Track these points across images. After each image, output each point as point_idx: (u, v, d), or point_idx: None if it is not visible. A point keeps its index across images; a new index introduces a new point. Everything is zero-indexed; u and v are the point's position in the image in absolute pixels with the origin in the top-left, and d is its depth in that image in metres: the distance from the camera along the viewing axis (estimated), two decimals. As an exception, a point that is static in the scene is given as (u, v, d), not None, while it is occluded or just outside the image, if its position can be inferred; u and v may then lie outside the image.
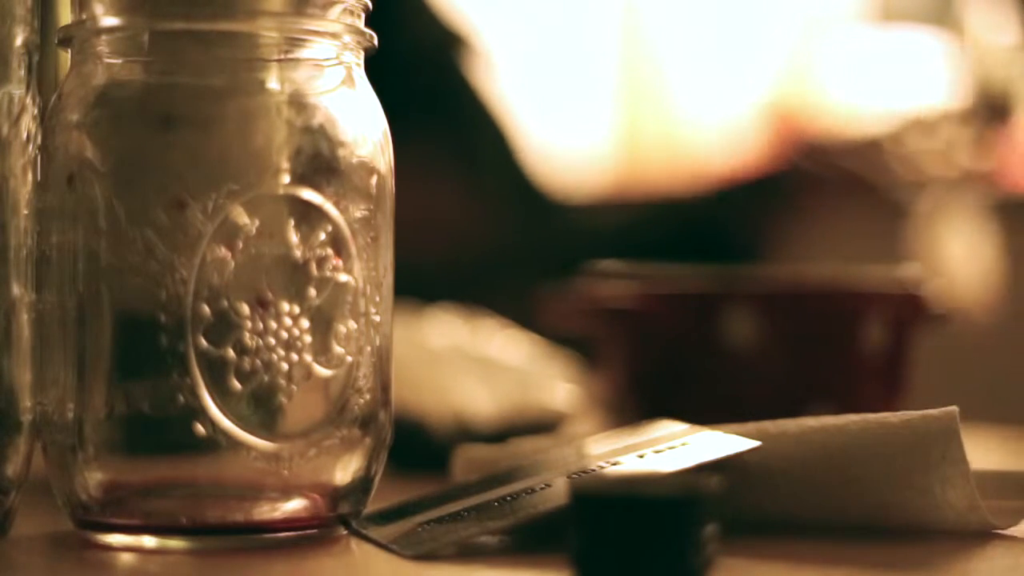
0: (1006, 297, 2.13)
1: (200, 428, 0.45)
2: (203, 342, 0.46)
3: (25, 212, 0.48)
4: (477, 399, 0.71)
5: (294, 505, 0.47)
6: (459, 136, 1.64)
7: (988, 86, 2.27)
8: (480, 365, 0.74)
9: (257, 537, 0.47)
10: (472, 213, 1.64)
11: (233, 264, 0.46)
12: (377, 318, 0.49)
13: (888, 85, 2.36)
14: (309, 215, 0.47)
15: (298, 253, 0.47)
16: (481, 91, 1.70)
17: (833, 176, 2.23)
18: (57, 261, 0.47)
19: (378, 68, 0.51)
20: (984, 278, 2.12)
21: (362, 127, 0.49)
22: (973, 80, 2.29)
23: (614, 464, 0.49)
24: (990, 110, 2.24)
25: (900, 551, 0.47)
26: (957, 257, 2.13)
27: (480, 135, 1.67)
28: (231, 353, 0.46)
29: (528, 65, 2.34)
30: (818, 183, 2.23)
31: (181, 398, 0.45)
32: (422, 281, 0.78)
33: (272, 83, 0.48)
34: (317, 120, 0.48)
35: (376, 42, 0.50)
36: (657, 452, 0.49)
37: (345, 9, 0.49)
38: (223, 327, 0.46)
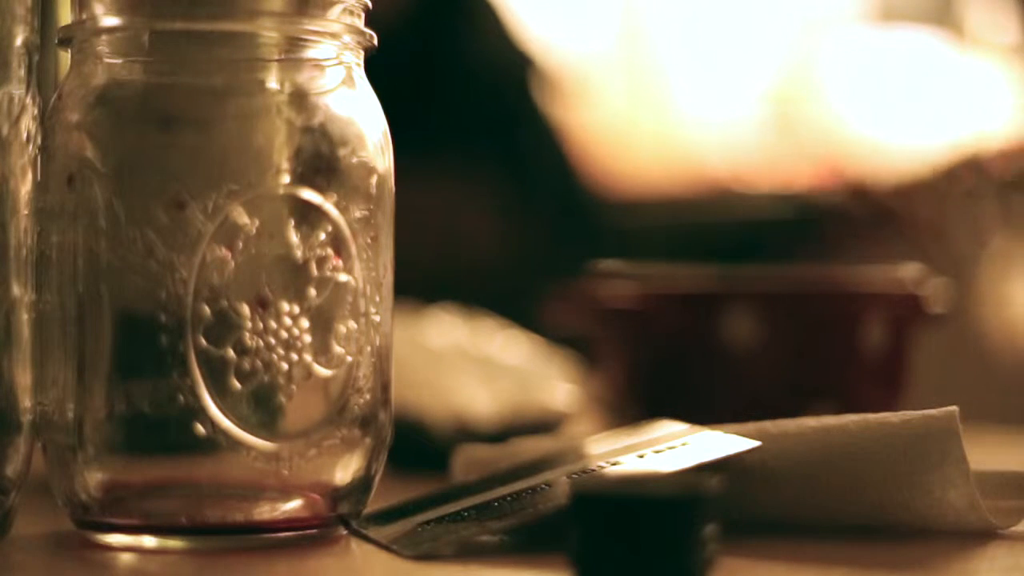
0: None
1: (200, 428, 0.45)
2: (203, 342, 0.46)
3: (25, 212, 0.48)
4: (477, 399, 0.71)
5: (294, 505, 0.47)
6: (463, 138, 1.63)
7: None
8: (480, 365, 0.74)
9: (257, 537, 0.47)
10: (474, 212, 1.64)
11: (233, 264, 0.46)
12: (377, 318, 0.49)
13: (895, 90, 2.35)
14: (309, 215, 0.47)
15: (298, 253, 0.47)
16: (535, 103, 1.69)
17: (878, 216, 2.20)
18: (57, 261, 0.47)
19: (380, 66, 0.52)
20: None
21: (362, 127, 0.49)
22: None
23: (614, 464, 0.49)
24: None
25: (900, 551, 0.47)
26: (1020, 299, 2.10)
27: (500, 139, 1.67)
28: (231, 353, 0.46)
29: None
30: (863, 223, 2.20)
31: (181, 398, 0.45)
32: (422, 281, 0.78)
33: (272, 83, 0.48)
34: (317, 120, 0.48)
35: (376, 42, 0.50)
36: (657, 452, 0.49)
37: (345, 9, 0.49)
38: (223, 327, 0.46)
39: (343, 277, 0.47)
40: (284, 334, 0.46)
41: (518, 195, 1.64)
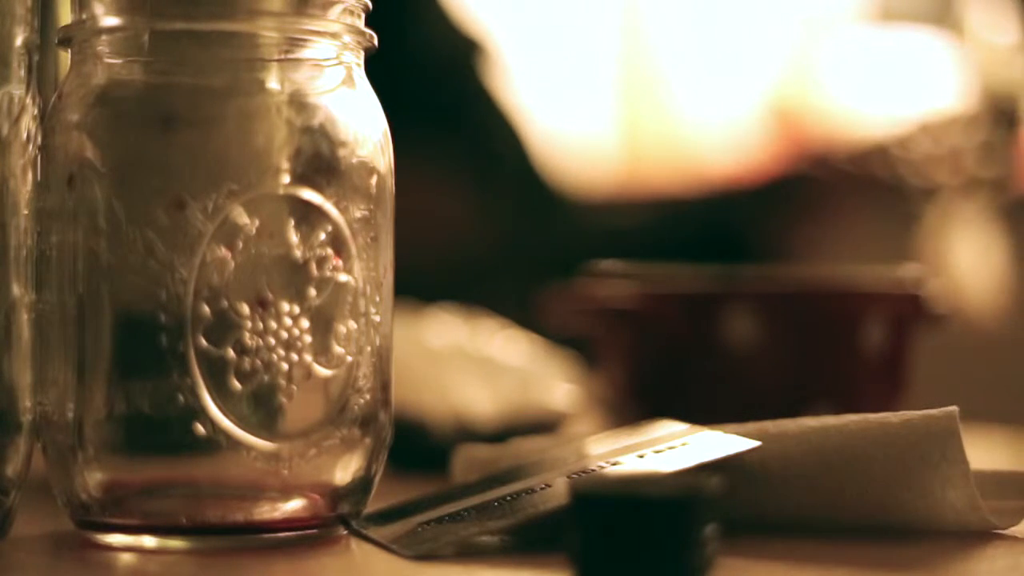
0: (1012, 299, 2.12)
1: (200, 428, 0.45)
2: (203, 342, 0.46)
3: (25, 212, 0.48)
4: (477, 399, 0.71)
5: (294, 505, 0.47)
6: (463, 136, 1.63)
7: (995, 91, 2.26)
8: (480, 365, 0.74)
9: (257, 537, 0.47)
10: (473, 212, 1.64)
11: (233, 264, 0.46)
12: (377, 318, 0.49)
13: (893, 88, 2.36)
14: (309, 215, 0.47)
15: (298, 253, 0.47)
16: (490, 93, 1.69)
17: (841, 182, 2.22)
18: (57, 261, 0.47)
19: (384, 69, 0.52)
20: (993, 283, 2.12)
21: (362, 127, 0.49)
22: (980, 84, 2.28)
23: (614, 464, 0.49)
24: (998, 115, 2.23)
25: (900, 551, 0.47)
26: (966, 262, 2.12)
27: (485, 136, 1.66)
28: (231, 353, 0.46)
29: (529, 64, 2.34)
30: (826, 188, 2.22)
31: (181, 398, 0.45)
32: (422, 281, 0.77)
33: (272, 83, 0.48)
34: (317, 120, 0.48)
35: (376, 42, 0.50)
36: (657, 452, 0.49)
37: (345, 9, 0.49)
38: (223, 327, 0.46)
39: (343, 277, 0.47)
40: (284, 334, 0.46)
41: (520, 196, 1.64)
